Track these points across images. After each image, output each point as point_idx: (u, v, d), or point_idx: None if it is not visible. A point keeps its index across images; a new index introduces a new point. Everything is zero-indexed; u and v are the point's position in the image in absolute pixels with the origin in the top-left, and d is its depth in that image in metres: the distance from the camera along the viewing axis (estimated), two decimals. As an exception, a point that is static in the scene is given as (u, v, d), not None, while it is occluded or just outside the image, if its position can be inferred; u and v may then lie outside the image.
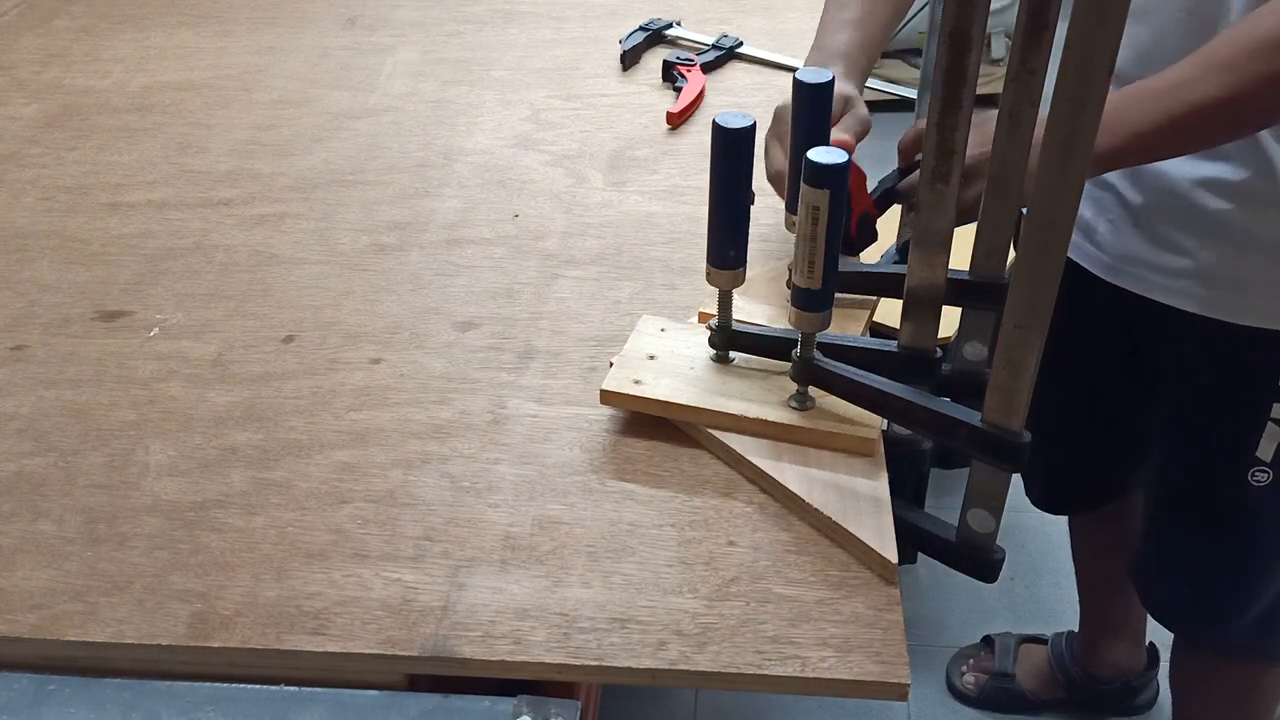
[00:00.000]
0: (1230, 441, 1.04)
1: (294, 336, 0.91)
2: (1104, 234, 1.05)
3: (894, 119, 3.05)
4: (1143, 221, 1.01)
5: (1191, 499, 1.12)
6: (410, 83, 1.31)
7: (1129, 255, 1.03)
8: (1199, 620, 1.18)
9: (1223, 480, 1.06)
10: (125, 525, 0.74)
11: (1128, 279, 1.04)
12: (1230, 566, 1.11)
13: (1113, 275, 1.06)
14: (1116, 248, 1.05)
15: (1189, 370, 1.07)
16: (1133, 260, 1.03)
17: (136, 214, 1.08)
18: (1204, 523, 1.11)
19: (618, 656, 0.65)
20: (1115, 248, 1.05)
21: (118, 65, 1.38)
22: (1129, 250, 1.03)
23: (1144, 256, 1.02)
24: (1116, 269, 1.05)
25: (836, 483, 0.73)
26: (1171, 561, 1.16)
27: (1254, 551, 1.09)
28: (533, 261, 0.99)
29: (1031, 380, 0.64)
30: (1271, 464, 1.02)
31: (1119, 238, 1.04)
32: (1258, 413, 1.01)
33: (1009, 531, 1.79)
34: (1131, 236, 1.03)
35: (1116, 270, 1.05)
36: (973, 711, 1.59)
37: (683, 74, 1.27)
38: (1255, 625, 1.14)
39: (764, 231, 1.00)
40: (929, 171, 0.71)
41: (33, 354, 0.90)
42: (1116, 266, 1.05)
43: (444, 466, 0.78)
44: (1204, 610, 1.16)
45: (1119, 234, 1.04)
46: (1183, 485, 1.12)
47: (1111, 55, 0.53)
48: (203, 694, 0.63)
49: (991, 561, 0.74)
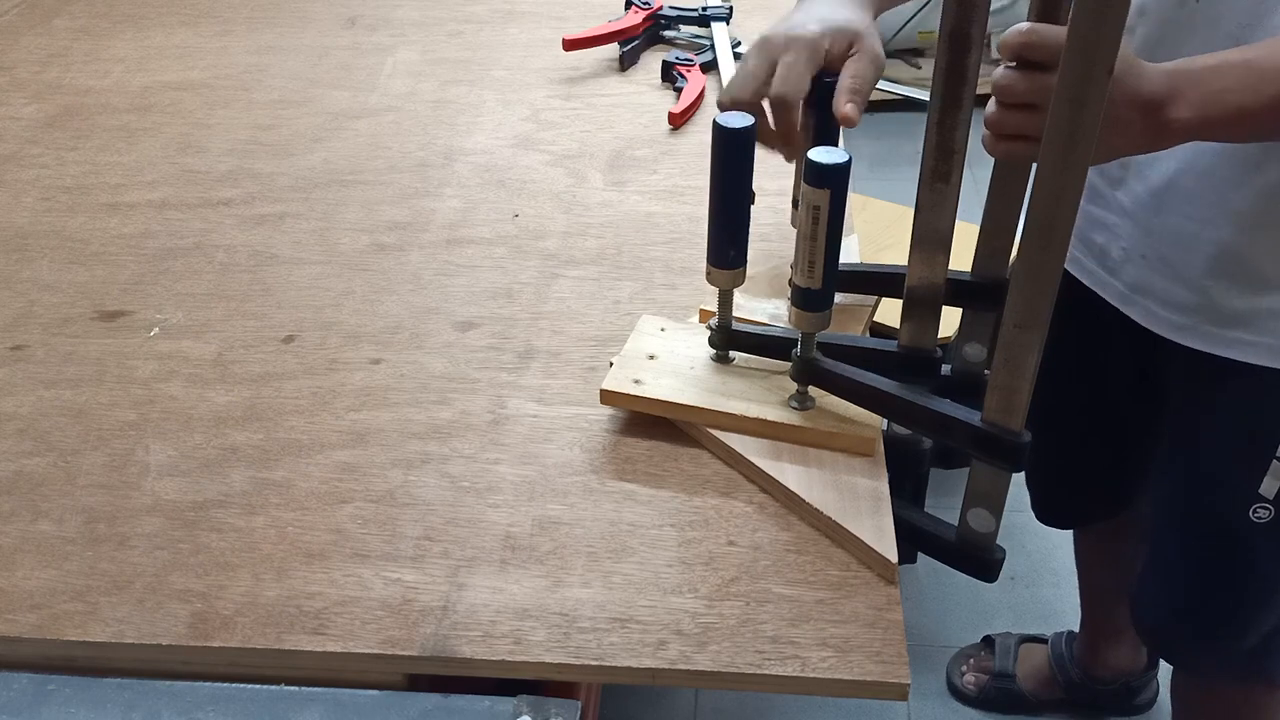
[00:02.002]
0: (1234, 478, 1.03)
1: (294, 336, 0.91)
2: (1116, 261, 1.04)
3: (894, 119, 3.05)
4: (1153, 252, 0.99)
5: (1191, 530, 1.11)
6: (410, 83, 1.31)
7: (1140, 286, 1.02)
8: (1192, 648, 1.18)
9: (1224, 514, 1.05)
10: (125, 525, 0.74)
11: (1139, 311, 1.03)
12: (1226, 597, 1.10)
13: (1125, 305, 1.04)
14: (1129, 277, 1.03)
15: (1196, 405, 1.05)
16: (1144, 291, 1.01)
17: (136, 214, 1.08)
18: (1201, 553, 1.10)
19: (618, 656, 0.65)
20: (1128, 277, 1.03)
21: (118, 65, 1.38)
22: (1141, 281, 1.01)
23: (1155, 289, 1.00)
24: (1128, 299, 1.03)
25: (836, 482, 0.73)
26: (1166, 588, 1.15)
27: (1252, 583, 1.08)
28: (533, 261, 0.99)
29: (1032, 380, 0.64)
30: (1274, 501, 1.01)
31: (1131, 267, 1.02)
32: (1264, 452, 1.00)
33: (1009, 531, 1.79)
34: (1142, 267, 1.01)
35: (1129, 300, 1.03)
36: (973, 711, 1.59)
37: (683, 74, 1.27)
38: (1255, 650, 1.13)
39: (764, 231, 1.00)
40: (929, 171, 0.71)
41: (33, 354, 0.90)
42: (1129, 296, 1.03)
43: (444, 466, 0.78)
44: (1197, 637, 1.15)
45: (1131, 263, 1.02)
46: (1182, 515, 1.11)
47: (1111, 55, 0.53)
48: (203, 694, 0.63)
49: (992, 561, 0.74)
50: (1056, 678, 1.56)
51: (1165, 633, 1.20)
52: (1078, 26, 0.53)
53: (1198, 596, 1.12)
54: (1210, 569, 1.10)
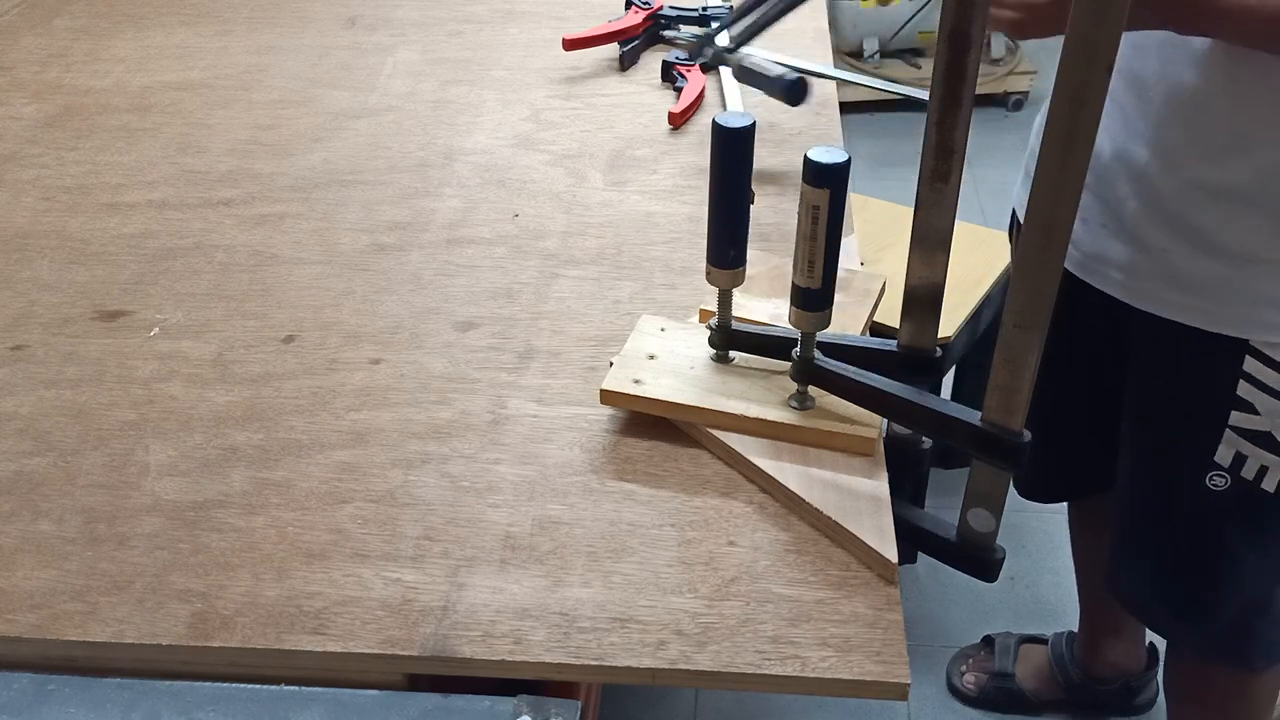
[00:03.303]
0: (1189, 445, 1.04)
1: (294, 336, 0.91)
2: (1078, 232, 1.05)
3: (894, 119, 3.05)
4: (1113, 220, 1.01)
5: (1153, 498, 1.12)
6: (410, 83, 1.31)
7: (1099, 254, 1.04)
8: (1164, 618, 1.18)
9: (1182, 482, 1.06)
10: (125, 525, 0.74)
11: (1096, 277, 1.04)
12: (1190, 567, 1.11)
13: (1084, 273, 1.06)
14: (1089, 245, 1.04)
15: (1151, 371, 1.07)
16: (1102, 259, 1.03)
17: (136, 214, 1.08)
18: (1164, 522, 1.11)
19: (618, 656, 0.65)
20: (1088, 245, 1.05)
21: (118, 65, 1.38)
22: (1100, 249, 1.03)
23: (1113, 256, 1.02)
24: (1087, 266, 1.05)
25: (836, 482, 0.73)
26: (1135, 559, 1.16)
27: (1214, 555, 1.09)
28: (533, 261, 0.99)
29: (1032, 380, 0.64)
30: (1229, 469, 1.02)
31: (1091, 236, 1.04)
32: (1217, 419, 1.01)
33: (1009, 531, 1.79)
34: (1102, 236, 1.03)
35: (1088, 268, 1.05)
36: (973, 711, 1.59)
37: (683, 74, 1.27)
38: (1230, 631, 1.14)
39: (764, 231, 1.00)
40: (929, 171, 0.71)
41: (33, 354, 0.90)
42: (1087, 264, 1.05)
43: (444, 466, 0.78)
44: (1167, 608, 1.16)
45: (1091, 232, 1.04)
46: (1145, 483, 1.12)
47: (1111, 54, 0.53)
48: (203, 694, 0.63)
49: (992, 561, 0.74)
50: (1056, 677, 1.56)
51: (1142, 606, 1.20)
52: (1078, 26, 0.53)
53: (1168, 571, 1.13)
54: (1176, 541, 1.11)
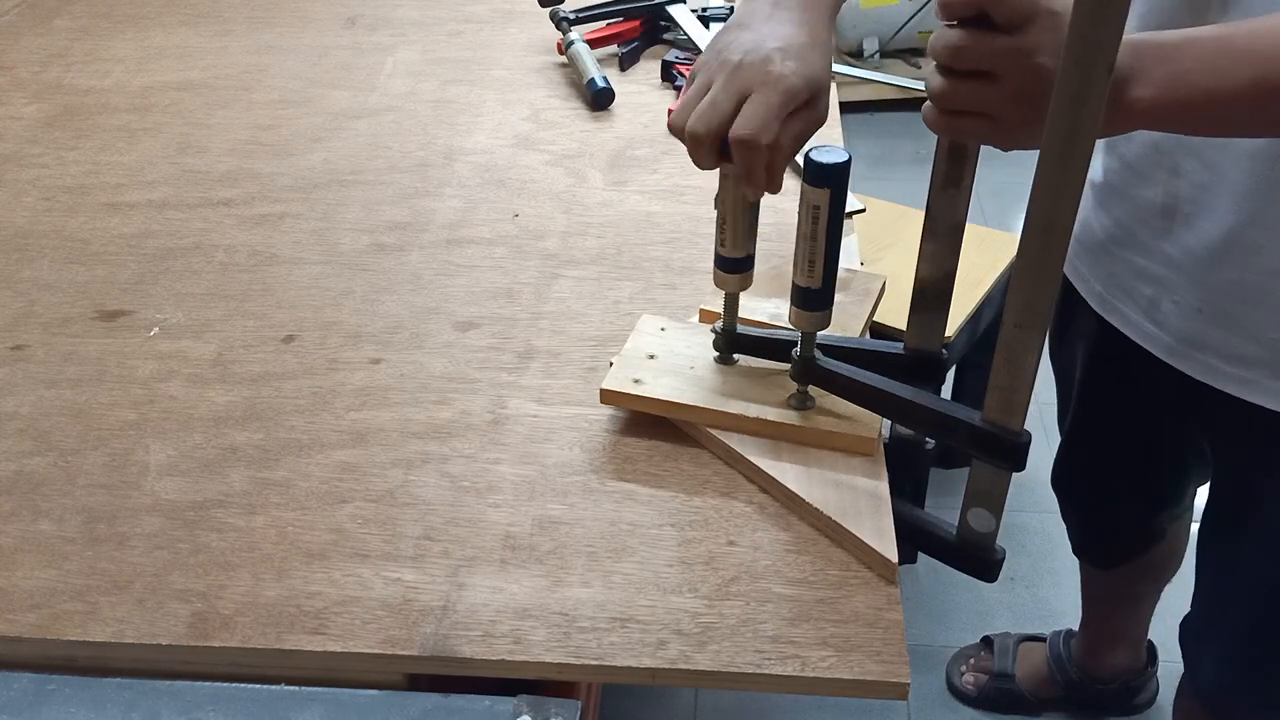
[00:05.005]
0: None
1: (294, 336, 0.91)
2: (1165, 314, 0.94)
3: (895, 119, 3.05)
4: (1211, 305, 0.90)
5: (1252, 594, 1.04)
6: (410, 82, 1.31)
7: (1195, 339, 0.92)
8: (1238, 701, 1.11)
9: None
10: (125, 525, 0.74)
11: (1193, 365, 0.93)
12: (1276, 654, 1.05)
13: (1173, 358, 0.94)
14: (1180, 330, 0.93)
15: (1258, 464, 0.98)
16: (1199, 345, 0.92)
17: (136, 214, 1.08)
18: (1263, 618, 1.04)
19: (618, 656, 0.65)
20: (1179, 329, 0.93)
21: (118, 65, 1.38)
22: (1195, 334, 0.92)
23: (1213, 342, 0.90)
24: (1178, 352, 0.94)
25: (836, 482, 0.73)
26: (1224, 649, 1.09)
27: None
28: (533, 261, 0.99)
29: (1031, 380, 0.64)
30: None
31: (1183, 319, 0.92)
32: None
33: (1009, 531, 1.79)
34: (1198, 320, 0.91)
35: (1178, 353, 0.94)
36: (973, 711, 1.59)
37: (682, 73, 1.27)
38: None
39: (764, 231, 0.99)
40: (940, 176, 0.71)
41: (33, 354, 0.90)
42: (1177, 349, 0.94)
43: (444, 466, 0.78)
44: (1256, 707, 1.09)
45: (1184, 316, 0.92)
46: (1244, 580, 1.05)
47: (1111, 54, 0.53)
48: (203, 694, 0.63)
49: (992, 561, 0.74)
50: (1055, 677, 1.56)
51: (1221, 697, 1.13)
52: (1078, 26, 0.53)
53: (1259, 663, 1.06)
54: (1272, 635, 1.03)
